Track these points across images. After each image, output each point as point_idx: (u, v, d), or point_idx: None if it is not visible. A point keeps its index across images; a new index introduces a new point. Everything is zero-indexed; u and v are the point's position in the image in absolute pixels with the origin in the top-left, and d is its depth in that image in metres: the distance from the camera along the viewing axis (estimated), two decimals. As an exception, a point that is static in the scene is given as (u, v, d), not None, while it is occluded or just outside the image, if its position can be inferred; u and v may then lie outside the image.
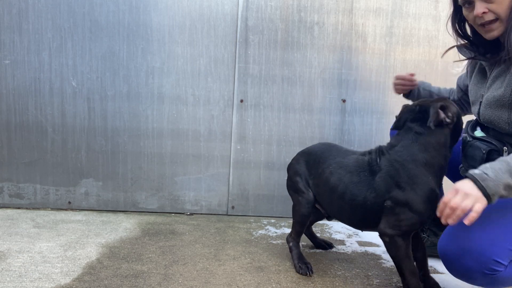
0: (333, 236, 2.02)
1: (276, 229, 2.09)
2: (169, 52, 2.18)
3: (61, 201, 2.24)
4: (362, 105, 2.26)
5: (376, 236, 1.99)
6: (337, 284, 1.49)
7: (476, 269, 1.11)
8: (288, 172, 1.70)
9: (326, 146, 1.61)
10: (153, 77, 2.19)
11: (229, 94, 2.23)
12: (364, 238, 2.00)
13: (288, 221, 2.17)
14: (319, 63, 2.23)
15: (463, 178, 1.10)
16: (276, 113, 2.25)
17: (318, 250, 1.82)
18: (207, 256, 1.69)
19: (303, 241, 1.87)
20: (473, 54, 1.36)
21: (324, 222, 2.23)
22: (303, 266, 1.56)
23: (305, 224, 1.63)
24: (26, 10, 2.11)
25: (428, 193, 1.29)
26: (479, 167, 1.09)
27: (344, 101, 2.25)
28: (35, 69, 2.15)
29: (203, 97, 2.22)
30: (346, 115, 2.26)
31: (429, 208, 1.30)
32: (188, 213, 2.29)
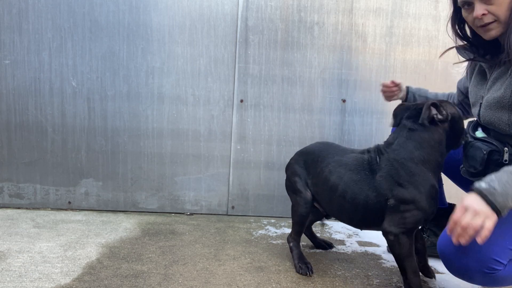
0: (333, 236, 2.02)
1: (276, 229, 2.09)
2: (169, 52, 2.18)
3: (61, 201, 2.24)
4: (362, 105, 2.26)
5: (376, 236, 2.00)
6: (337, 284, 1.49)
7: (476, 268, 1.11)
8: (286, 172, 1.70)
9: (324, 145, 1.62)
10: (153, 77, 2.19)
11: (229, 94, 2.23)
12: (364, 238, 2.00)
13: (288, 221, 2.17)
14: (319, 63, 2.23)
15: (469, 188, 1.09)
16: (276, 113, 2.25)
17: (318, 250, 1.82)
18: (207, 256, 1.69)
19: (303, 241, 1.87)
20: (473, 56, 1.36)
21: (324, 222, 2.23)
22: (303, 266, 1.56)
23: (305, 224, 1.63)
24: (26, 10, 2.11)
25: (430, 189, 1.31)
26: (485, 180, 1.09)
27: (344, 101, 2.25)
28: (35, 69, 2.15)
29: (203, 97, 2.22)
30: (346, 115, 2.27)
31: (432, 204, 1.33)
32: (188, 213, 2.29)
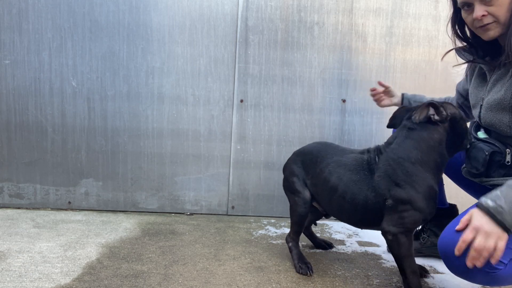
0: (333, 236, 2.02)
1: (276, 229, 2.09)
2: (169, 52, 2.18)
3: (61, 201, 2.24)
4: (362, 105, 2.26)
5: (376, 236, 2.00)
6: (337, 284, 1.49)
7: (477, 267, 1.11)
8: (284, 173, 1.70)
9: (323, 145, 1.61)
10: (153, 77, 2.19)
11: (229, 94, 2.23)
12: (364, 238, 2.00)
13: (288, 221, 2.16)
14: (319, 63, 2.23)
15: (470, 189, 1.09)
16: (276, 113, 2.25)
17: (318, 250, 1.82)
18: (207, 256, 1.69)
19: (303, 241, 1.87)
20: (472, 57, 1.36)
21: (324, 222, 2.23)
22: (303, 266, 1.56)
23: (303, 224, 1.63)
24: (26, 10, 2.11)
25: (427, 190, 1.31)
26: (491, 197, 1.09)
27: (344, 101, 2.25)
28: (35, 69, 2.15)
29: (203, 97, 2.22)
30: (346, 115, 2.26)
31: (430, 205, 1.32)
32: (188, 213, 2.29)
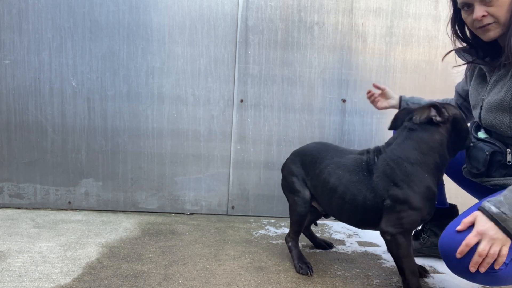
0: (333, 236, 2.02)
1: (276, 229, 2.09)
2: (169, 52, 2.18)
3: (61, 201, 2.24)
4: (362, 105, 2.26)
5: (376, 236, 2.00)
6: (337, 284, 1.48)
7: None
8: (283, 172, 1.69)
9: (322, 146, 1.61)
10: (153, 77, 2.19)
11: (229, 94, 2.23)
12: (364, 238, 2.00)
13: (288, 221, 2.16)
14: (319, 63, 2.23)
15: (471, 189, 1.08)
16: (276, 113, 2.25)
17: (318, 250, 1.82)
18: (207, 256, 1.69)
19: (304, 241, 1.87)
20: (472, 58, 1.36)
21: (324, 222, 2.23)
22: (303, 266, 1.55)
23: (303, 224, 1.63)
24: (26, 10, 2.11)
25: (425, 190, 1.31)
26: (494, 202, 1.10)
27: (344, 101, 2.25)
28: (35, 69, 2.15)
29: (203, 97, 2.22)
30: (346, 115, 2.26)
31: (428, 205, 1.32)
32: (188, 213, 2.29)
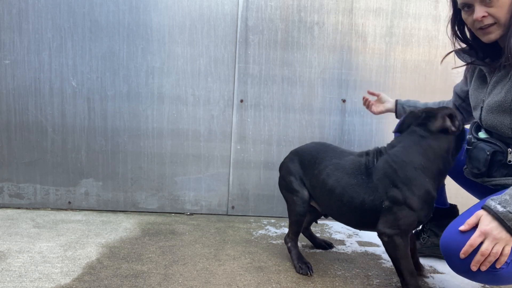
0: (333, 236, 2.02)
1: (276, 229, 2.09)
2: (169, 52, 2.18)
3: (61, 201, 2.24)
4: (362, 105, 2.25)
5: (376, 236, 1.99)
6: (337, 284, 1.48)
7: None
8: (281, 172, 1.68)
9: (321, 146, 1.60)
10: (153, 77, 2.19)
11: (229, 94, 2.23)
12: (364, 238, 2.00)
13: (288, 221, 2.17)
14: (319, 63, 2.23)
15: (471, 189, 1.08)
16: (276, 113, 2.25)
17: (318, 250, 1.82)
18: (207, 256, 1.69)
19: (303, 241, 1.87)
20: (472, 59, 1.35)
21: (324, 222, 2.23)
22: (303, 266, 1.55)
23: (302, 223, 1.62)
24: (26, 10, 2.11)
25: (424, 194, 1.30)
26: (500, 201, 1.09)
27: (344, 101, 2.25)
28: (35, 69, 2.15)
29: (203, 97, 2.22)
30: (346, 115, 2.26)
31: (425, 208, 1.32)
32: (188, 213, 2.29)
